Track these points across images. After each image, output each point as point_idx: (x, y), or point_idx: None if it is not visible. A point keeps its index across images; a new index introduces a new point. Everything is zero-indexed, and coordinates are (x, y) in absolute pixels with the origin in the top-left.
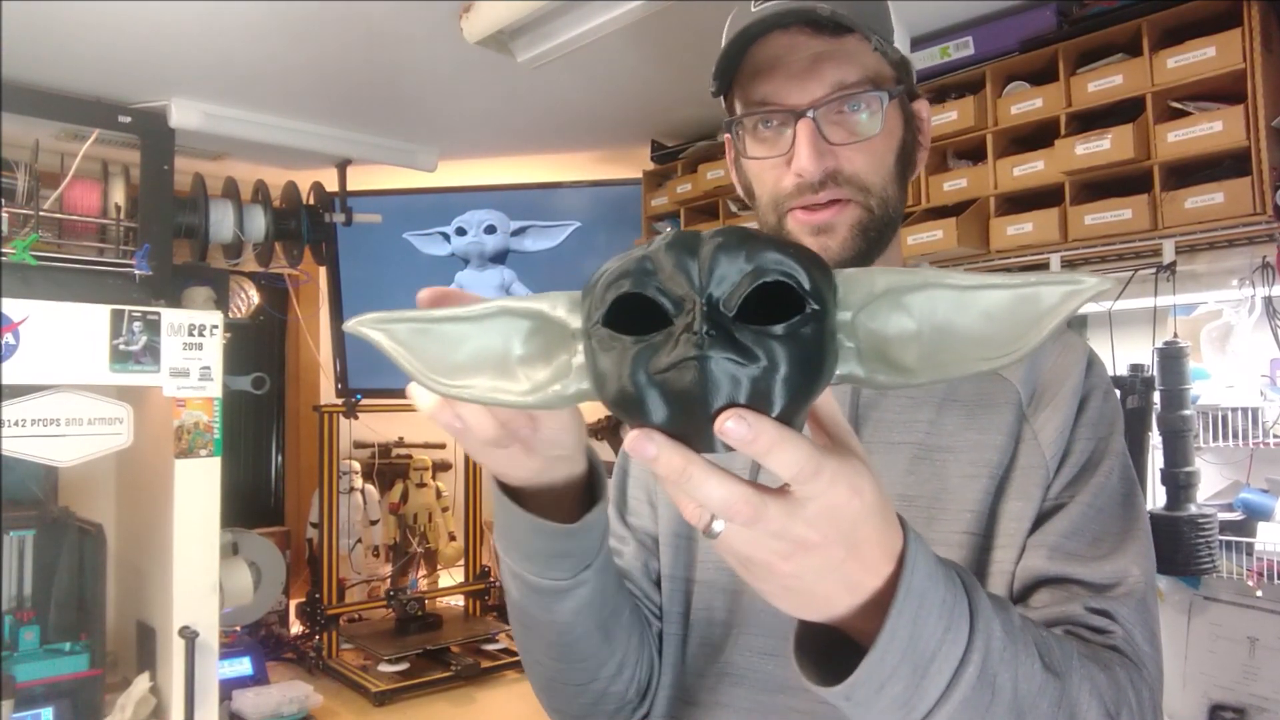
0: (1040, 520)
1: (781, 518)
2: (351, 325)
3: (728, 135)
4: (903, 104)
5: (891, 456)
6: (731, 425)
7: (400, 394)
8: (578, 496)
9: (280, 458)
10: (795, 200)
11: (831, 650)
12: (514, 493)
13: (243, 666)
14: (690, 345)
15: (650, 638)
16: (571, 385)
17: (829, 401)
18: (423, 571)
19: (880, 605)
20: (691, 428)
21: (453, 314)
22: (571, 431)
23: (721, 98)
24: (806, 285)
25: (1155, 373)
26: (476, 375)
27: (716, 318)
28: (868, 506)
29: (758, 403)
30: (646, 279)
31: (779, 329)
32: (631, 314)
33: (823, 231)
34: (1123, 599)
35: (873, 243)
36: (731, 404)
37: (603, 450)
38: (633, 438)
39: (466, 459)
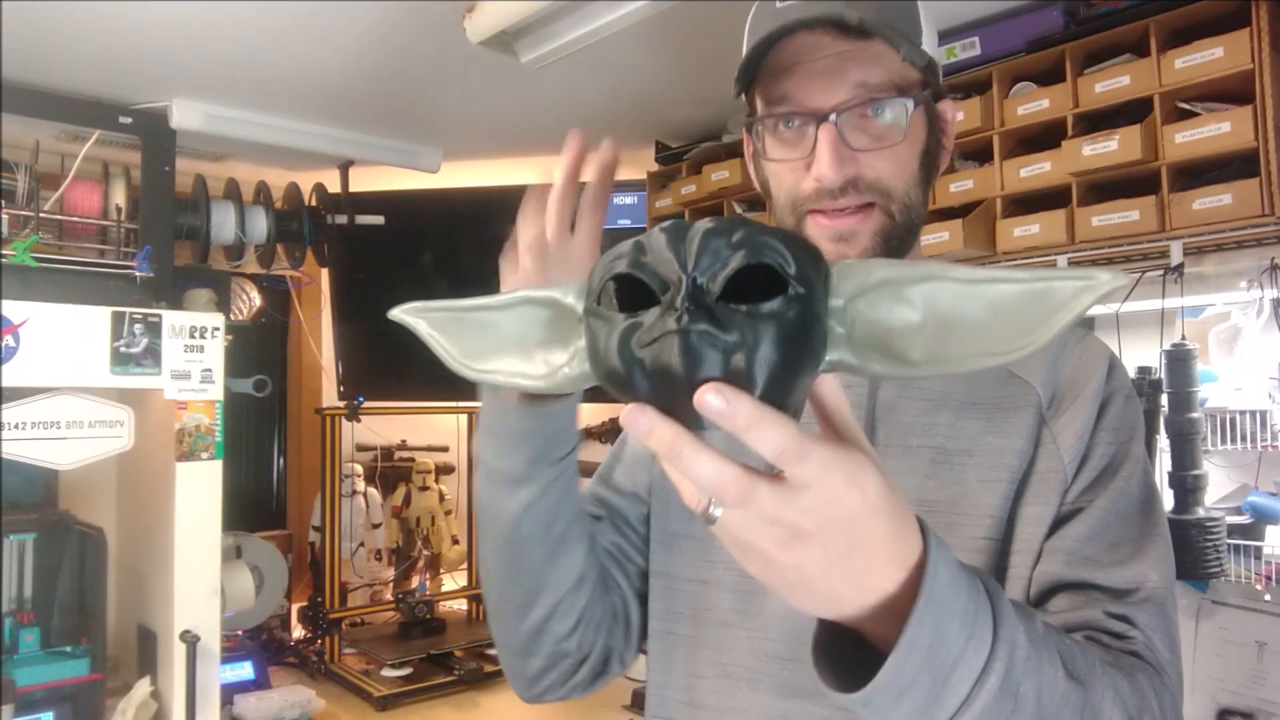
0: (1057, 525)
1: (773, 501)
2: (395, 313)
3: (745, 131)
4: (928, 107)
5: (910, 461)
6: (710, 398)
7: (403, 397)
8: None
9: (282, 461)
10: (814, 204)
11: (849, 653)
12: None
13: (244, 671)
14: (671, 320)
15: (614, 606)
16: (576, 367)
17: (837, 397)
18: (426, 575)
19: (897, 611)
20: (676, 403)
21: (481, 303)
22: None
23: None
24: (791, 268)
25: (1163, 375)
26: (502, 359)
27: (698, 295)
28: (870, 504)
29: (737, 379)
30: (639, 262)
31: (759, 308)
32: (633, 302)
33: (843, 239)
34: (1142, 604)
35: (894, 250)
36: (711, 379)
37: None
38: (628, 411)
39: (470, 462)
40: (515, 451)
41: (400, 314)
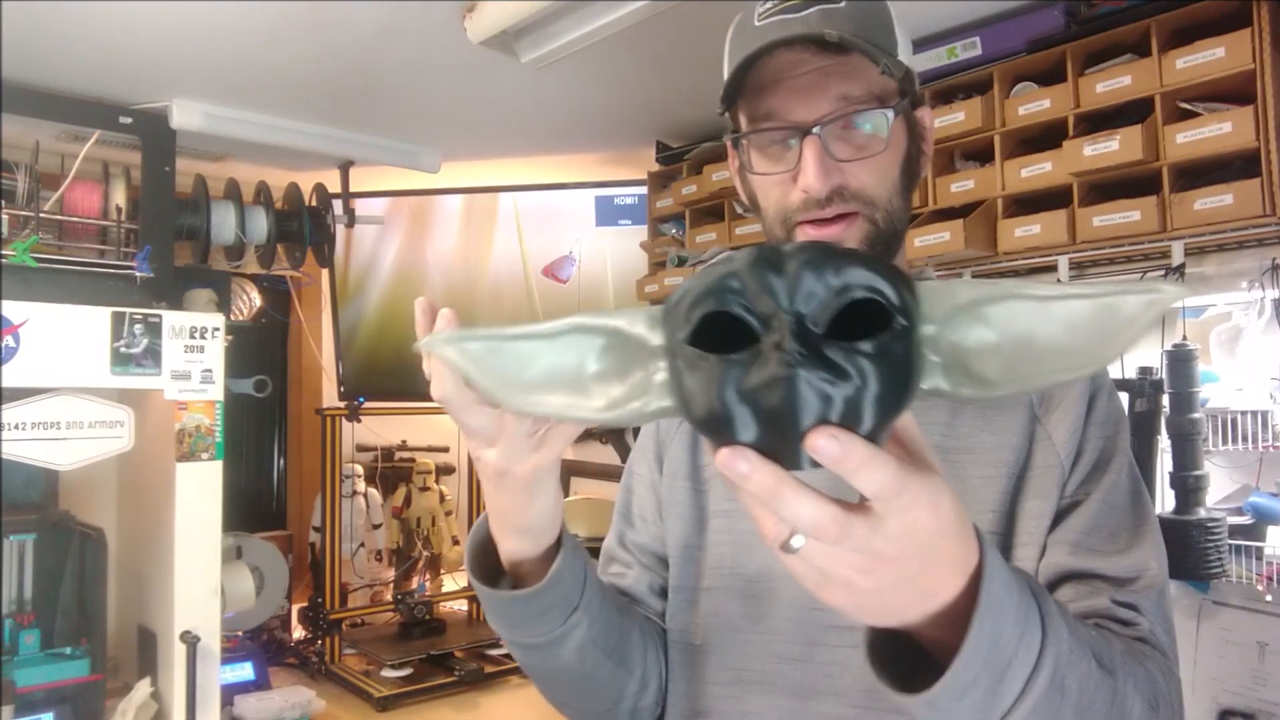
0: (1059, 517)
1: (865, 535)
2: (425, 343)
3: (730, 146)
4: (907, 115)
5: None
6: (824, 443)
7: (403, 397)
8: (553, 556)
9: (282, 461)
10: (802, 214)
11: (895, 653)
12: (493, 575)
13: (244, 671)
14: (781, 364)
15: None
16: (652, 403)
17: (907, 415)
18: (426, 576)
19: (954, 615)
20: (780, 445)
21: (526, 331)
22: (553, 507)
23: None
24: (895, 301)
25: (1164, 375)
26: (551, 392)
27: (806, 335)
28: (945, 523)
29: (848, 420)
30: (732, 297)
31: (868, 346)
32: (714, 331)
33: None
34: (1144, 592)
35: (879, 255)
36: (822, 422)
37: (606, 454)
38: (726, 455)
39: (470, 463)
40: (542, 623)
41: (431, 344)
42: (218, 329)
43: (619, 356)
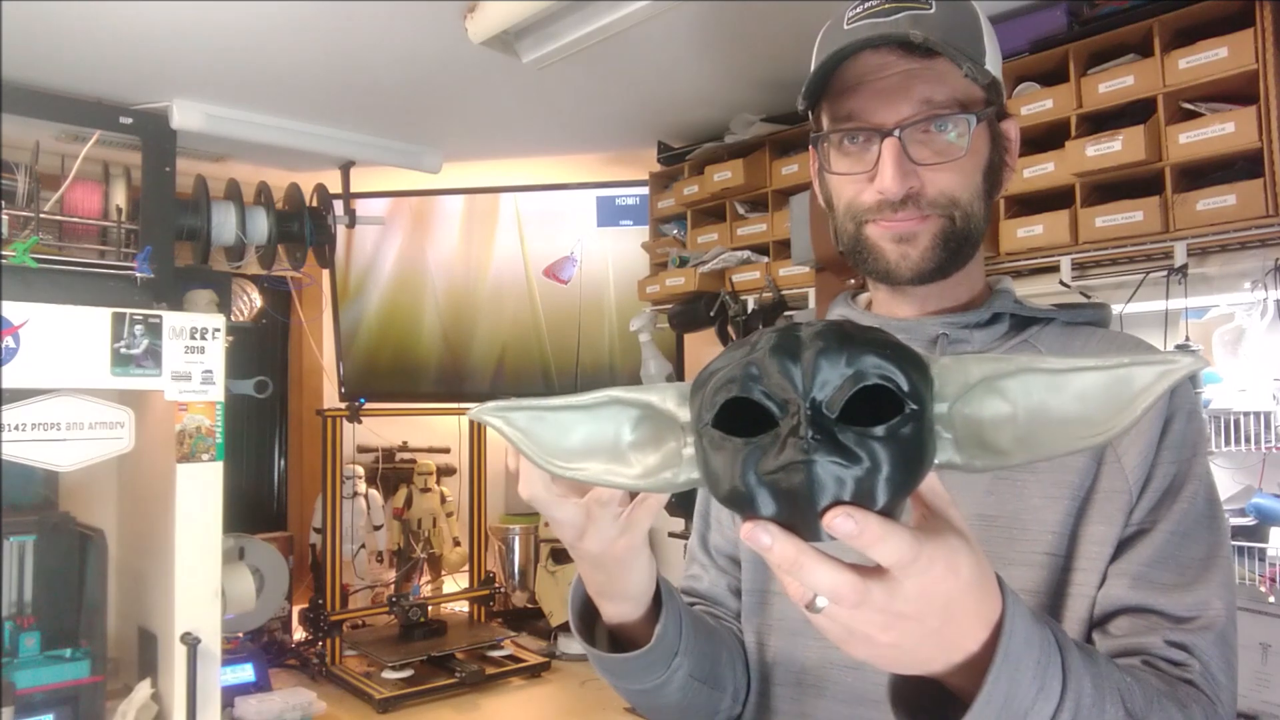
0: (1123, 546)
1: (883, 598)
2: (475, 414)
3: (812, 146)
4: (990, 124)
5: (971, 477)
6: (840, 522)
7: (404, 398)
8: (654, 612)
9: (283, 462)
10: (874, 215)
11: (925, 696)
12: (590, 620)
13: (245, 673)
14: (797, 450)
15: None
16: (682, 474)
17: (930, 480)
18: (427, 577)
19: (976, 667)
20: (799, 521)
21: (565, 403)
22: (646, 574)
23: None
24: (905, 386)
25: None
26: (589, 459)
27: (820, 421)
28: (964, 583)
29: (862, 499)
30: (752, 384)
31: (880, 430)
32: (739, 407)
33: (904, 240)
34: (1201, 632)
35: (953, 254)
36: (837, 501)
37: None
38: (748, 529)
39: (471, 464)
40: (649, 674)
41: (481, 414)
42: (218, 330)
43: (653, 427)
